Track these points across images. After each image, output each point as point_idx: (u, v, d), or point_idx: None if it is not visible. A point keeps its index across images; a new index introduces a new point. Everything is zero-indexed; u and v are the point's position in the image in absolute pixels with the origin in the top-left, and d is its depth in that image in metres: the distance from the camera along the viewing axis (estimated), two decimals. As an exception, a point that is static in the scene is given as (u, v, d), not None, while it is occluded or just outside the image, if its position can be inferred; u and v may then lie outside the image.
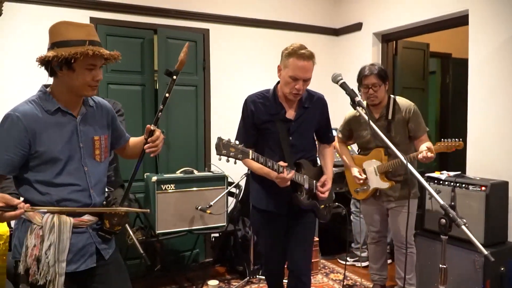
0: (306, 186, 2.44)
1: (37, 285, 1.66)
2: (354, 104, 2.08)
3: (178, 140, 4.14)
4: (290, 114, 2.46)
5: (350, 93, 2.10)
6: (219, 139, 2.09)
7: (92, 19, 3.79)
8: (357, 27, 4.73)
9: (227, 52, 4.43)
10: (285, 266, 2.66)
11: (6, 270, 2.36)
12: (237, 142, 2.14)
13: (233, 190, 3.75)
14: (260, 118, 2.44)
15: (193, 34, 4.22)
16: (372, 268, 3.39)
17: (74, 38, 1.65)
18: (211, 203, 3.43)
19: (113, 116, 1.96)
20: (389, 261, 3.77)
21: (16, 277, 2.61)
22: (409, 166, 1.81)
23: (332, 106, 4.82)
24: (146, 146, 1.85)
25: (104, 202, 1.89)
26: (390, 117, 3.05)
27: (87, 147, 1.80)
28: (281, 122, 2.42)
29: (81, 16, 3.76)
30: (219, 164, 3.91)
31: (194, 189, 3.56)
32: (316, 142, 2.69)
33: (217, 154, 2.10)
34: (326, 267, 4.10)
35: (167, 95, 1.90)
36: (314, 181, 2.50)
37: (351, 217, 4.23)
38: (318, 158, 2.70)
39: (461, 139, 2.86)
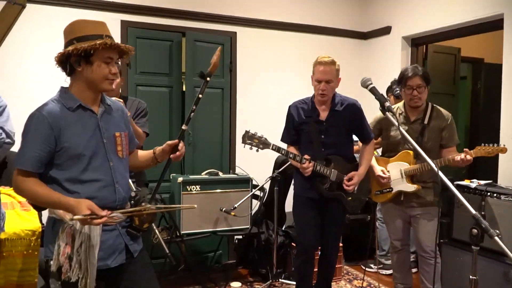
0: (332, 178, 2.87)
1: (69, 282, 1.69)
2: (384, 109, 2.06)
3: (204, 142, 4.17)
4: (323, 116, 2.92)
5: (380, 98, 2.08)
6: (246, 131, 2.64)
7: (123, 22, 3.87)
8: (386, 30, 4.67)
9: (254, 55, 4.44)
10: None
11: (38, 265, 2.42)
12: (261, 135, 2.72)
13: (258, 193, 3.75)
14: (297, 120, 2.96)
15: (220, 37, 4.25)
16: (396, 277, 3.33)
17: (92, 33, 1.71)
18: (236, 205, 3.45)
19: (127, 118, 2.01)
20: (414, 270, 3.69)
21: (46, 273, 2.69)
22: (440, 173, 1.77)
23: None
24: (173, 156, 1.95)
25: (132, 201, 1.91)
26: (426, 122, 3.00)
27: (110, 142, 1.83)
28: (315, 123, 2.90)
29: (112, 19, 3.83)
30: (244, 167, 3.96)
31: (219, 190, 3.58)
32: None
33: (242, 143, 2.64)
34: (350, 273, 4.05)
35: (200, 96, 1.97)
36: (344, 175, 2.90)
37: (377, 223, 4.17)
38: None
39: (504, 144, 2.78)
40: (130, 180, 2.56)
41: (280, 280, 3.75)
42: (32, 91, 3.57)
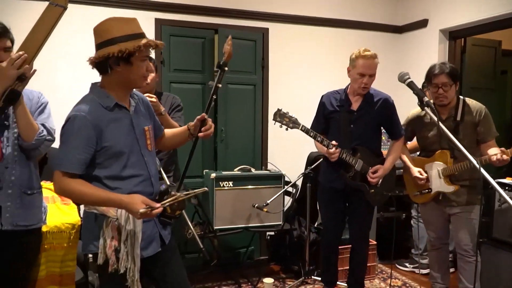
0: (357, 168, 2.91)
1: (115, 274, 1.75)
2: (423, 104, 2.00)
3: (236, 138, 4.19)
4: (355, 106, 2.98)
5: (418, 93, 2.02)
6: (278, 109, 2.72)
7: (157, 20, 3.93)
8: (422, 23, 4.55)
9: (286, 51, 4.41)
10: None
11: (76, 257, 2.50)
12: (292, 115, 2.78)
13: (290, 189, 3.73)
14: (329, 108, 3.03)
15: (252, 34, 4.25)
16: (433, 277, 3.24)
17: (131, 32, 1.72)
18: (268, 202, 3.45)
19: (150, 107, 2.03)
20: (452, 269, 3.59)
21: (85, 265, 2.77)
22: (483, 171, 1.70)
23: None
24: (201, 134, 1.97)
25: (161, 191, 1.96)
26: (459, 118, 2.90)
27: (141, 138, 1.87)
28: (346, 113, 2.96)
29: (146, 17, 3.90)
30: (276, 163, 3.95)
31: (250, 187, 3.59)
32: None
33: (273, 119, 2.73)
34: (384, 272, 3.98)
35: (218, 85, 2.02)
36: (369, 167, 2.94)
37: (411, 222, 4.08)
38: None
39: None
40: (165, 176, 2.61)
41: (312, 277, 3.73)
42: (64, 89, 3.69)
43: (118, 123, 1.78)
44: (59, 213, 2.52)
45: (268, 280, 3.46)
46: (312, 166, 3.56)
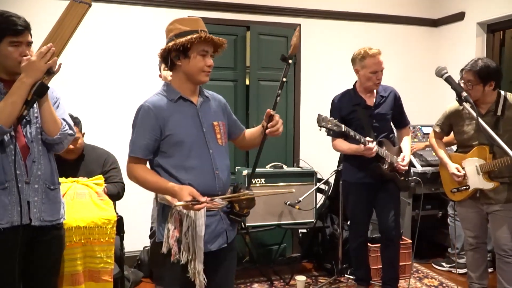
0: (388, 159, 3.01)
1: (178, 264, 1.83)
2: (461, 99, 1.94)
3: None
4: (370, 102, 3.09)
5: (456, 88, 1.96)
6: (319, 115, 2.77)
7: (189, 18, 3.96)
8: (459, 16, 4.40)
9: (319, 47, 4.37)
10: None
11: (113, 253, 2.55)
12: (333, 118, 2.82)
13: (322, 186, 3.70)
14: (345, 110, 3.08)
15: (284, 30, 4.22)
16: (471, 277, 3.14)
17: (188, 29, 1.85)
18: (300, 199, 3.43)
19: (227, 107, 2.13)
20: (490, 269, 3.47)
21: (121, 260, 2.83)
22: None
23: (427, 100, 4.62)
24: (267, 131, 1.97)
25: (232, 188, 2.01)
26: (499, 113, 2.79)
27: (209, 131, 1.95)
28: (364, 110, 3.04)
29: (180, 16, 3.92)
30: (308, 160, 3.92)
31: (282, 184, 3.58)
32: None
33: (318, 125, 2.76)
34: (420, 271, 3.89)
35: (284, 79, 2.00)
36: (395, 157, 3.06)
37: (448, 220, 3.96)
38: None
39: None
40: None
41: (346, 275, 3.69)
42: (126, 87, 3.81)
43: (182, 115, 1.89)
44: (96, 208, 2.57)
45: (301, 278, 3.44)
46: (345, 163, 3.51)
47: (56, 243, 2.06)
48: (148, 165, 1.95)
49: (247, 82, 4.22)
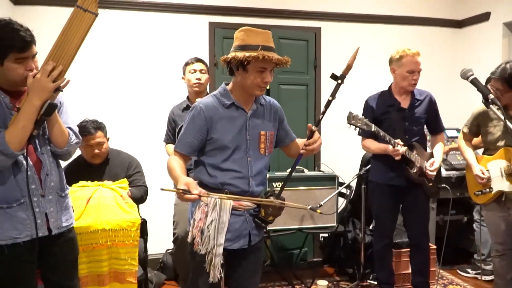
0: (418, 163, 2.96)
1: (197, 254, 1.92)
2: (488, 102, 1.90)
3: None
4: (404, 104, 3.06)
5: (483, 90, 1.93)
6: (350, 112, 2.76)
7: (210, 24, 4.01)
8: (484, 17, 4.32)
9: (339, 50, 4.34)
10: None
11: (138, 255, 2.58)
12: (364, 117, 2.80)
13: (344, 190, 3.67)
14: (378, 111, 3.07)
15: (305, 33, 4.22)
16: (498, 284, 3.06)
17: (251, 43, 1.87)
18: (322, 203, 3.41)
19: (281, 116, 2.16)
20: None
21: (145, 262, 2.87)
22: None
23: (451, 103, 4.54)
24: (304, 147, 1.99)
25: (263, 195, 2.06)
26: None
27: (254, 140, 2.01)
28: (397, 112, 3.01)
29: (201, 21, 4.00)
30: (329, 164, 3.90)
31: (303, 188, 3.56)
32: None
33: (348, 123, 2.75)
34: (444, 278, 3.82)
35: (330, 98, 2.03)
36: (425, 162, 3.00)
37: (474, 225, 3.88)
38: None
39: None
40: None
41: (368, 281, 3.65)
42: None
43: (231, 121, 1.96)
44: (121, 211, 2.62)
45: (322, 283, 3.42)
46: (367, 167, 3.48)
47: (73, 246, 2.08)
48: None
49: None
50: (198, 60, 3.15)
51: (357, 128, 2.85)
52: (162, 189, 1.73)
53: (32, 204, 1.83)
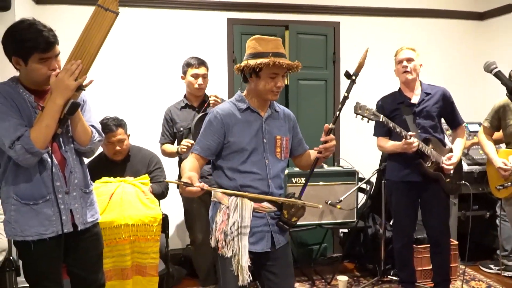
0: (433, 158, 2.90)
1: (224, 258, 1.93)
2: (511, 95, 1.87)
3: (307, 134, 4.04)
4: (414, 100, 3.05)
5: (507, 83, 1.89)
6: (357, 103, 2.72)
7: (228, 20, 4.02)
8: (507, 9, 4.22)
9: (358, 45, 4.30)
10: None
11: (159, 249, 2.63)
12: (371, 108, 2.78)
13: (363, 186, 3.65)
14: (389, 108, 3.06)
15: (323, 28, 4.20)
16: (522, 280, 3.02)
17: (262, 51, 1.93)
18: (341, 198, 3.40)
19: (295, 124, 2.20)
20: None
21: (166, 257, 2.91)
22: None
23: (473, 97, 4.46)
24: (318, 155, 2.04)
25: (283, 195, 2.08)
26: None
27: (270, 143, 2.04)
28: (407, 107, 2.99)
29: (219, 18, 4.01)
30: (348, 159, 3.88)
31: (322, 183, 3.55)
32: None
33: (354, 112, 2.72)
34: (467, 274, 3.77)
35: (346, 94, 2.05)
36: (442, 157, 2.94)
37: (497, 221, 3.81)
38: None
39: None
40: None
41: (389, 276, 3.62)
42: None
43: (247, 124, 2.00)
44: (143, 207, 2.66)
45: (343, 278, 3.41)
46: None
47: (99, 240, 2.12)
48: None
49: (287, 82, 4.22)
50: (201, 63, 3.12)
51: (369, 120, 2.79)
52: (165, 181, 1.77)
53: (57, 201, 1.88)
